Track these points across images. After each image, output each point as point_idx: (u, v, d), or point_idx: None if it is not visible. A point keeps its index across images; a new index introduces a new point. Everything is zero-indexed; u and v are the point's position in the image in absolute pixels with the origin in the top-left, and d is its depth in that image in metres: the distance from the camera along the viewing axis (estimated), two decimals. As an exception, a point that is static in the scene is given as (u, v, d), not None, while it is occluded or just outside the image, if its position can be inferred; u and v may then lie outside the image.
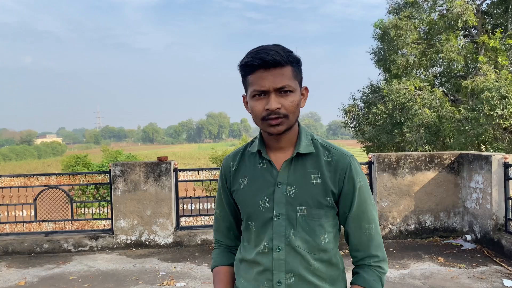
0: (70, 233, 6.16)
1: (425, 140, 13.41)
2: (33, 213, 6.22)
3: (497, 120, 10.64)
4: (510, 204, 5.49)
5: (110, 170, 6.17)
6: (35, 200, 6.20)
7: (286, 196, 1.30)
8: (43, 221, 6.15)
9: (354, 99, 18.57)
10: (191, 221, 6.28)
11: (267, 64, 1.22)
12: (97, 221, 6.26)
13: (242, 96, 1.37)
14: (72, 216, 6.25)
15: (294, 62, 1.27)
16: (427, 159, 6.29)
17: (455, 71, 15.61)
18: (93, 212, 6.48)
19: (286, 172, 1.33)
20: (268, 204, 1.32)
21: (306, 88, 1.35)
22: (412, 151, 13.44)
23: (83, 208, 6.42)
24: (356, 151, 20.16)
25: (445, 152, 6.50)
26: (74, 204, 6.29)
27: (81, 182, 6.25)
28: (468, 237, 6.07)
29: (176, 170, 6.23)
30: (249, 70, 1.26)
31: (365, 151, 17.44)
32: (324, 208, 1.31)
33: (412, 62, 15.10)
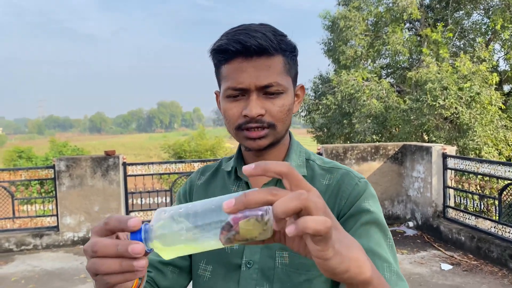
0: (11, 231, 5.88)
1: (373, 130, 13.87)
2: (-30, 212, 5.90)
3: (439, 110, 11.17)
4: (448, 192, 5.83)
5: (54, 165, 5.93)
6: (-28, 198, 5.86)
7: None
8: (-19, 220, 5.84)
9: (305, 89, 18.78)
10: (141, 216, 6.17)
11: (248, 51, 0.84)
12: (42, 218, 6.03)
13: (215, 93, 1.00)
14: (13, 213, 5.96)
15: (288, 51, 0.89)
16: (373, 150, 6.52)
17: (401, 63, 16.22)
18: (37, 209, 6.21)
19: None
20: (237, 246, 0.91)
21: (302, 87, 0.99)
22: (360, 141, 13.86)
23: (26, 205, 6.13)
24: (306, 140, 20.53)
25: (390, 143, 6.77)
26: (16, 201, 6.00)
27: (23, 178, 5.98)
28: (411, 223, 6.39)
29: (124, 164, 6.09)
30: (223, 58, 0.88)
31: (315, 140, 17.77)
32: None
33: (360, 53, 15.52)
